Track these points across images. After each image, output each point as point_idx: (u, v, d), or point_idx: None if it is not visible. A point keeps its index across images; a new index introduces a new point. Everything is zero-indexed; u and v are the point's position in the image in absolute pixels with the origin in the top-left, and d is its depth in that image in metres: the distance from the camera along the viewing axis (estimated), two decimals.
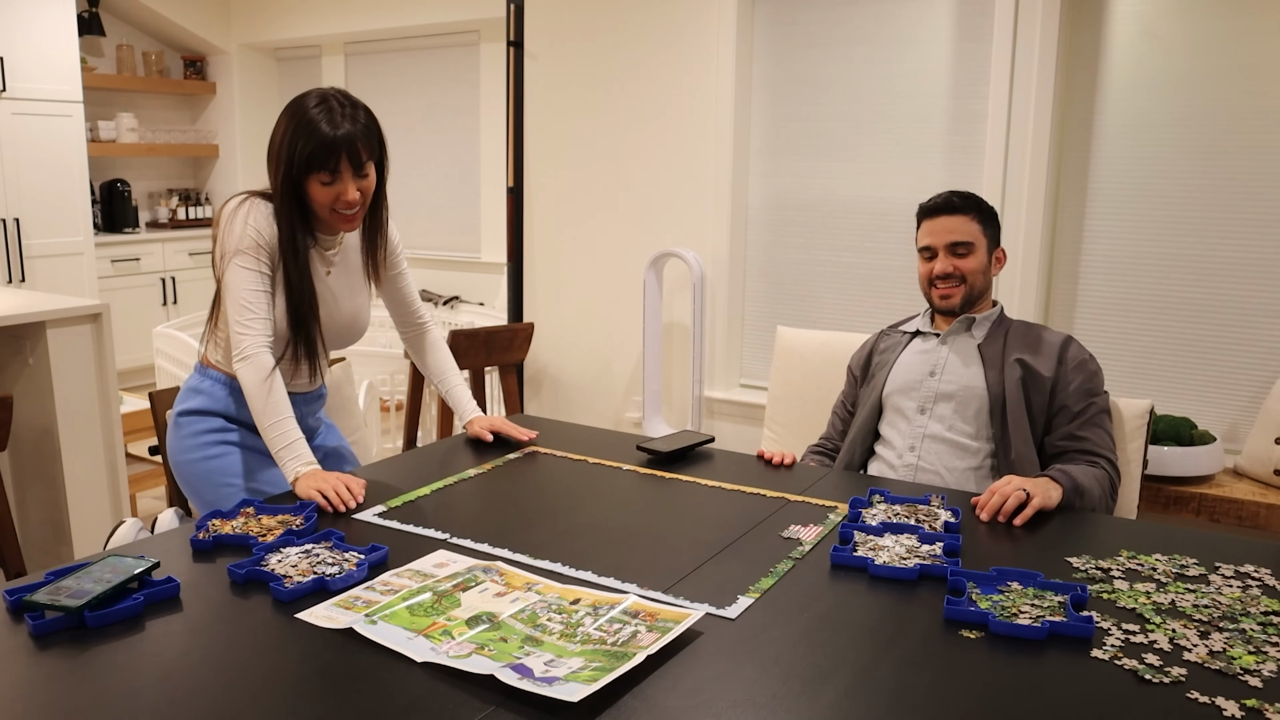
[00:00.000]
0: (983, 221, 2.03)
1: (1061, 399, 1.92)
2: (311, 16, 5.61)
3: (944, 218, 2.02)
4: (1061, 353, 1.95)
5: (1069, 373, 1.93)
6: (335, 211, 1.78)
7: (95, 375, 2.89)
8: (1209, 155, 2.91)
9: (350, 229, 1.85)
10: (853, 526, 1.56)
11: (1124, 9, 2.99)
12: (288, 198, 1.77)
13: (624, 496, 1.77)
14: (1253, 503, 2.57)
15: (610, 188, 3.96)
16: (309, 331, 1.85)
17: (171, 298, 5.81)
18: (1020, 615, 1.27)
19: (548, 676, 1.09)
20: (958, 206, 2.02)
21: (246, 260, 1.76)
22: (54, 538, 2.92)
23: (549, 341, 4.23)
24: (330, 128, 1.72)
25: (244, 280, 1.76)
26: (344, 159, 1.73)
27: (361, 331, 2.02)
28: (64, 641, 1.20)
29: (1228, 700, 1.08)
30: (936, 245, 2.02)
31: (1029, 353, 1.97)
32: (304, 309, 1.83)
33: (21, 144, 4.80)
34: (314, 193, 1.76)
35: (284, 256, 1.80)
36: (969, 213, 2.02)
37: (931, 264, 2.04)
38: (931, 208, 2.05)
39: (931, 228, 2.04)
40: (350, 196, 1.76)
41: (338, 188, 1.75)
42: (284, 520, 1.58)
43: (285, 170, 1.74)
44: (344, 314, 1.95)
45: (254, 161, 6.19)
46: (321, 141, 1.71)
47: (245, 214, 1.78)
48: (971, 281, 2.02)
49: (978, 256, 2.02)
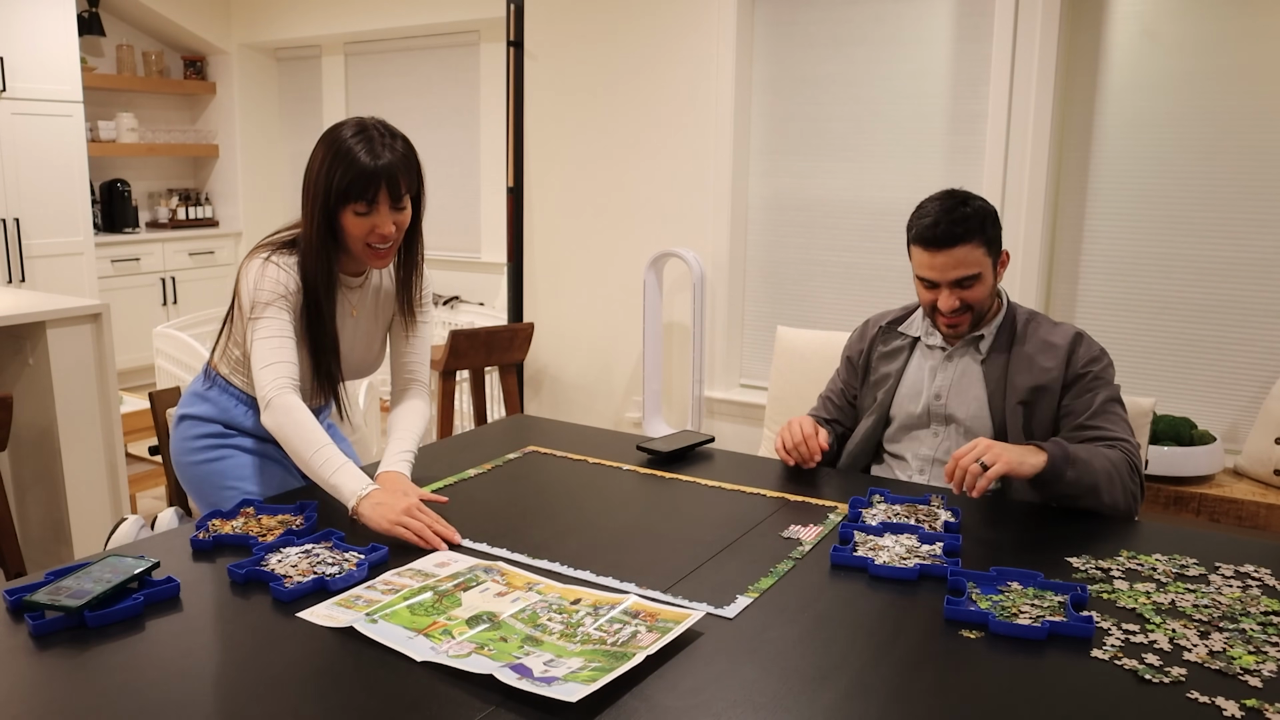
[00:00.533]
0: (987, 243, 1.81)
1: (1071, 401, 1.80)
2: (311, 16, 5.61)
3: (945, 252, 1.80)
4: (1070, 354, 1.81)
5: (1078, 373, 1.80)
6: (369, 246, 1.71)
7: (95, 375, 2.89)
8: (1209, 155, 2.91)
9: (382, 265, 1.78)
10: (853, 527, 1.56)
11: (1124, 9, 2.99)
12: (322, 228, 1.70)
13: (624, 496, 1.77)
14: (1253, 503, 2.57)
15: (610, 188, 3.96)
16: (329, 370, 1.81)
17: (171, 298, 5.81)
18: (1020, 615, 1.27)
19: (547, 676, 1.09)
20: (960, 236, 1.79)
21: (271, 312, 1.71)
22: (54, 538, 2.92)
23: (549, 341, 4.23)
24: (370, 157, 1.65)
25: (269, 330, 1.70)
26: (383, 189, 1.66)
27: (375, 368, 1.97)
28: (64, 641, 1.20)
29: (1228, 700, 1.08)
30: (939, 281, 1.83)
31: (1032, 366, 1.83)
32: (326, 347, 1.78)
33: (21, 144, 4.80)
34: (348, 224, 1.69)
35: (312, 294, 1.74)
36: (972, 240, 1.79)
37: (934, 293, 1.85)
38: (930, 239, 1.81)
39: (931, 262, 1.82)
40: (386, 230, 1.69)
41: (373, 219, 1.68)
42: (284, 520, 1.58)
43: (322, 201, 1.68)
44: (358, 353, 1.90)
45: (254, 161, 6.20)
46: (360, 171, 1.65)
47: (267, 270, 1.73)
48: (980, 308, 1.86)
49: (985, 282, 1.83)
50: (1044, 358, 1.83)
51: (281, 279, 1.72)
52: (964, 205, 1.81)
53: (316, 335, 1.77)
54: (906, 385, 1.95)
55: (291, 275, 1.73)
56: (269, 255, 1.74)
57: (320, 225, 1.70)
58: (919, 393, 1.93)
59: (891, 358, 2.00)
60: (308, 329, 1.76)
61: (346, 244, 1.72)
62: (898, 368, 1.98)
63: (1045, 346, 1.84)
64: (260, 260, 1.74)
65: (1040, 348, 1.84)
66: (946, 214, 1.80)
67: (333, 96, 5.91)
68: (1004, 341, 1.88)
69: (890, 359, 2.00)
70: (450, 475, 1.86)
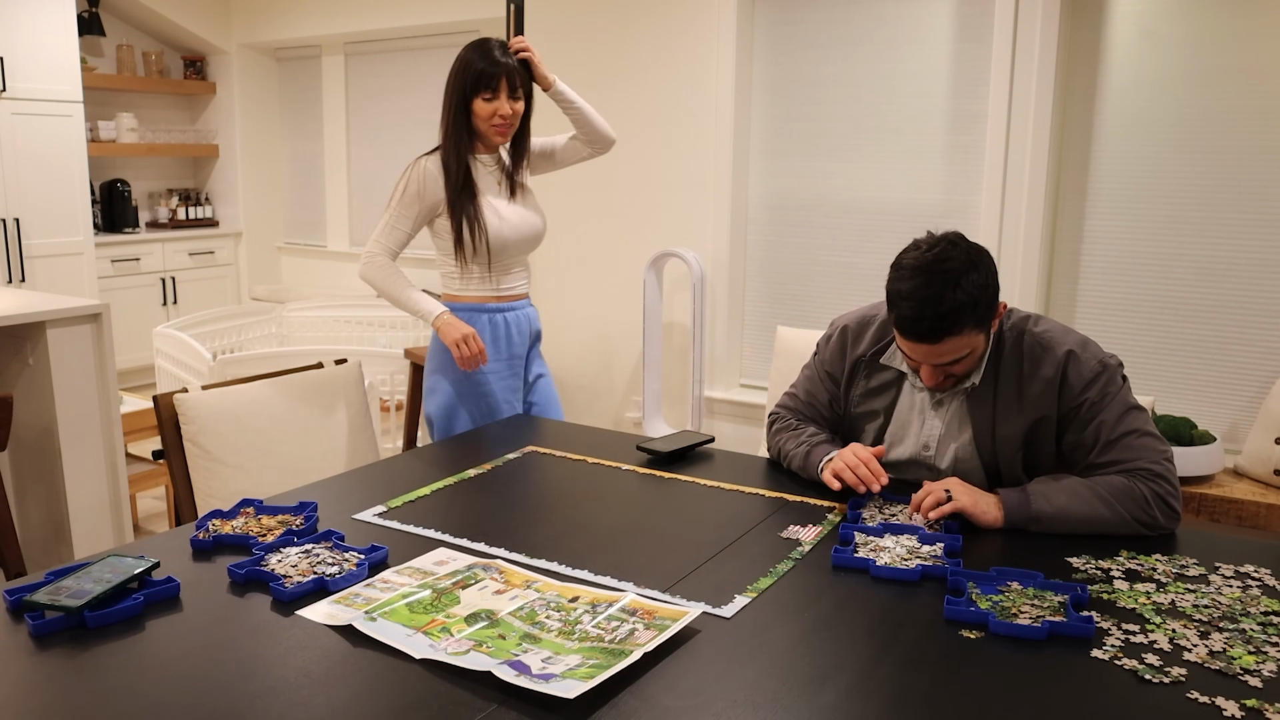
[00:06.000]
0: (978, 322, 1.58)
1: (1074, 436, 1.65)
2: (311, 16, 5.61)
3: (929, 346, 1.59)
4: (1061, 385, 1.63)
5: (1072, 405, 1.63)
6: (492, 126, 2.31)
7: (95, 375, 2.89)
8: (1209, 155, 2.91)
9: (502, 141, 2.39)
10: (853, 527, 1.56)
11: (1124, 9, 2.99)
12: (459, 115, 2.32)
13: (624, 496, 1.77)
14: (1253, 503, 2.57)
15: (610, 188, 3.96)
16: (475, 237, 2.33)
17: (171, 298, 5.81)
18: (1020, 615, 1.26)
19: (544, 673, 1.09)
20: (948, 330, 1.55)
21: (403, 205, 2.34)
22: (54, 538, 2.92)
23: (549, 341, 4.23)
24: (495, 58, 2.30)
25: (393, 220, 2.35)
26: (503, 81, 2.29)
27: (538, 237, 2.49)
28: (64, 641, 1.20)
29: (1228, 700, 1.08)
30: (923, 362, 1.65)
31: (1023, 404, 1.66)
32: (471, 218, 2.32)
33: (21, 144, 4.80)
34: (477, 108, 2.31)
35: (451, 175, 2.31)
36: (961, 330, 1.57)
37: (916, 363, 1.68)
38: (912, 334, 1.58)
39: (913, 349, 1.62)
40: (505, 111, 2.30)
41: (495, 104, 2.29)
42: (284, 520, 1.58)
43: (459, 93, 2.31)
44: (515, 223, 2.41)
45: (254, 161, 6.20)
46: (488, 65, 2.28)
47: (412, 173, 2.34)
48: (969, 371, 1.69)
49: (975, 354, 1.64)
50: (1033, 391, 1.66)
51: (421, 181, 2.32)
52: (953, 289, 1.54)
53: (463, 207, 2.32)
54: (896, 426, 1.80)
55: (430, 182, 2.32)
56: (418, 159, 2.35)
57: (457, 112, 2.32)
58: (906, 437, 1.79)
59: (877, 395, 1.81)
60: (452, 206, 2.32)
61: (475, 126, 2.33)
62: (885, 405, 1.80)
63: (1035, 378, 1.66)
64: (417, 161, 2.35)
65: (1030, 378, 1.66)
66: (932, 305, 1.54)
67: (333, 96, 5.92)
68: (992, 372, 1.70)
69: (875, 396, 1.81)
70: (450, 475, 1.86)
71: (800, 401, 1.93)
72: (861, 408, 1.84)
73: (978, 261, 1.58)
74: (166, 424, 2.05)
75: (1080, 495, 1.57)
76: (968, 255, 1.58)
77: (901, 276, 1.59)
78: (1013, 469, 1.71)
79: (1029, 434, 1.68)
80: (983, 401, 1.70)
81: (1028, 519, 1.58)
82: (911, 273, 1.57)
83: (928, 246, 1.60)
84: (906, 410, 1.79)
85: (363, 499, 1.72)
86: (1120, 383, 1.65)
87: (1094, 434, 1.62)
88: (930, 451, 1.78)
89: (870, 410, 1.82)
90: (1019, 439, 1.68)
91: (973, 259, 1.58)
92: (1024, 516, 1.58)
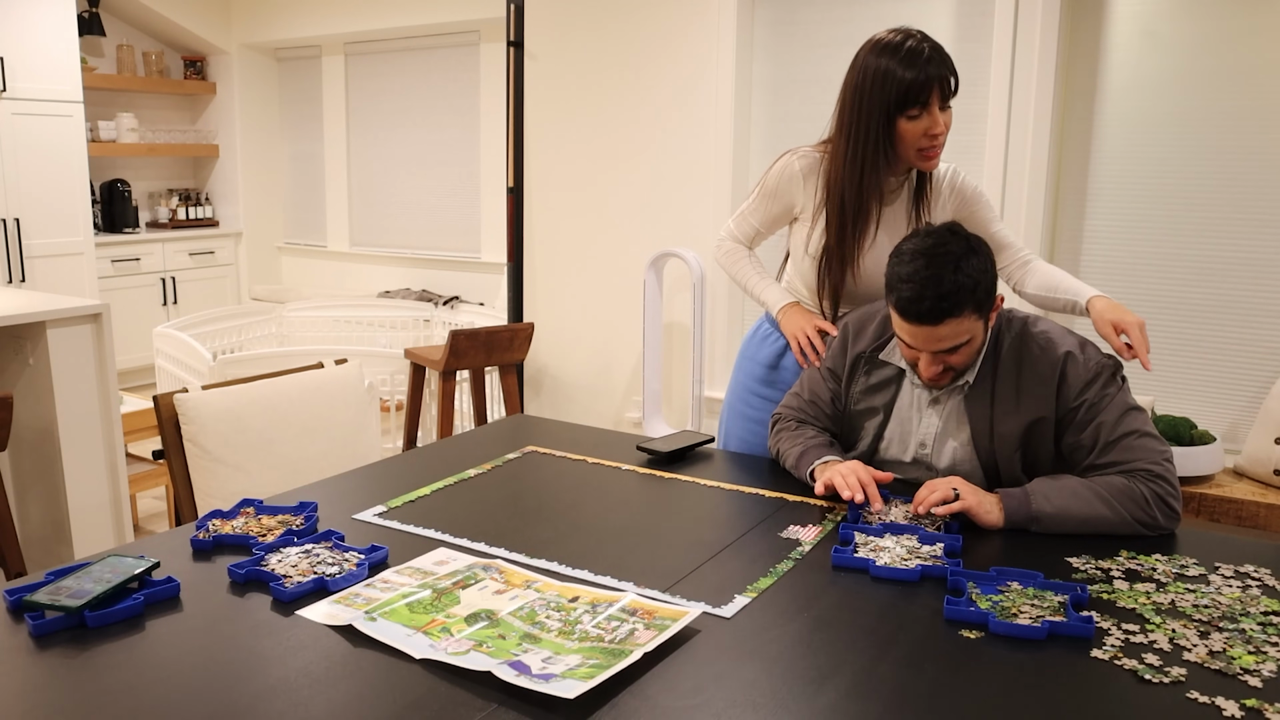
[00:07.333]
0: (978, 307, 1.59)
1: (1073, 437, 1.65)
2: (311, 16, 5.62)
3: (929, 328, 1.59)
4: (1059, 386, 1.64)
5: (1070, 407, 1.64)
6: (920, 149, 1.83)
7: (95, 375, 2.89)
8: (1209, 155, 2.91)
9: (931, 167, 1.88)
10: (853, 527, 1.56)
11: (1124, 9, 2.99)
12: (875, 139, 1.82)
13: (623, 496, 1.77)
14: (1253, 503, 2.57)
15: (610, 188, 3.96)
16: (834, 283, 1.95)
17: (171, 298, 5.82)
18: (1020, 615, 1.27)
19: (544, 673, 1.09)
20: (948, 312, 1.56)
21: (760, 199, 2.05)
22: (54, 538, 2.92)
23: (549, 341, 4.23)
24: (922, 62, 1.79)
25: (751, 210, 2.08)
26: (935, 92, 1.79)
27: None
28: (64, 641, 1.20)
29: (1228, 700, 1.08)
30: (922, 349, 1.65)
31: (1020, 403, 1.67)
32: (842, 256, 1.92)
33: (21, 144, 4.80)
34: (902, 130, 1.81)
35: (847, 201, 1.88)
36: (961, 313, 1.57)
37: (915, 354, 1.67)
38: (912, 315, 1.59)
39: (913, 333, 1.61)
40: (938, 128, 1.81)
41: (925, 122, 1.80)
42: (284, 520, 1.58)
43: (882, 112, 1.81)
44: None
45: (254, 161, 6.20)
46: (918, 74, 1.78)
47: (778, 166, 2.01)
48: (967, 364, 1.68)
49: (974, 343, 1.64)
50: (1032, 391, 1.66)
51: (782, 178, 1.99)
52: (953, 271, 1.56)
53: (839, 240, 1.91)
54: (895, 424, 1.80)
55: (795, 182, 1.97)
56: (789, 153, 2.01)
57: (873, 135, 1.82)
58: (906, 435, 1.79)
59: (877, 391, 1.81)
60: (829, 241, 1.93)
61: (898, 150, 1.84)
62: (885, 402, 1.80)
63: (1033, 379, 1.67)
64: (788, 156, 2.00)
65: (1029, 378, 1.67)
66: (933, 286, 1.56)
67: (333, 96, 5.92)
68: (990, 371, 1.70)
69: (875, 393, 1.82)
70: (450, 475, 1.86)
71: (803, 400, 1.93)
72: (861, 404, 1.83)
73: (976, 248, 1.62)
74: (166, 424, 2.05)
75: (1081, 495, 1.57)
76: (967, 242, 1.62)
77: (902, 261, 1.62)
78: (1011, 469, 1.71)
79: (1026, 434, 1.68)
80: (980, 400, 1.71)
81: (1028, 519, 1.58)
82: (912, 256, 1.60)
83: (927, 234, 1.64)
84: (906, 408, 1.79)
85: (363, 499, 1.72)
86: (1119, 383, 1.66)
87: (1093, 435, 1.63)
88: (926, 449, 1.77)
89: (870, 407, 1.82)
90: (1016, 439, 1.69)
91: (972, 245, 1.61)
92: (1024, 516, 1.58)
